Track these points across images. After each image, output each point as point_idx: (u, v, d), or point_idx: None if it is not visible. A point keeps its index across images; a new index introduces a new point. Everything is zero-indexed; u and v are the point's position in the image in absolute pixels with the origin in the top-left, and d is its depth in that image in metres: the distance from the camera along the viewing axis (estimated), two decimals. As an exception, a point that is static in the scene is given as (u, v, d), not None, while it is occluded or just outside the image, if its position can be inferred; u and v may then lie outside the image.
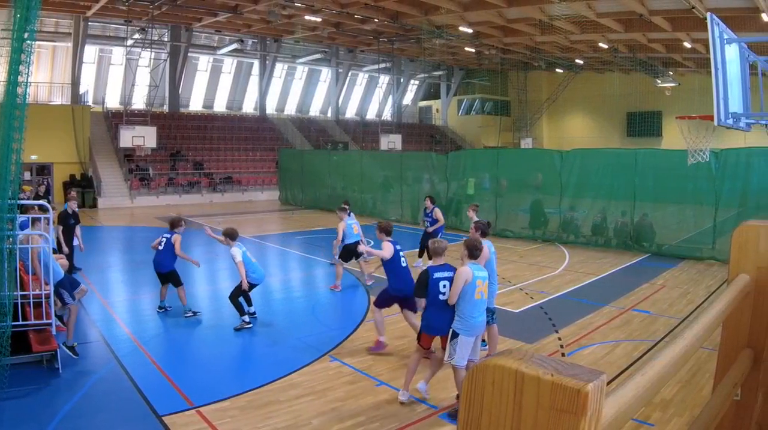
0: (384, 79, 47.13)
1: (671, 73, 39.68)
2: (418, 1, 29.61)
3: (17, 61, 6.53)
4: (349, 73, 48.99)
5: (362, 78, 51.74)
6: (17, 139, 6.68)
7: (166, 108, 39.16)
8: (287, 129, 43.44)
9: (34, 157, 29.39)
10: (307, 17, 32.02)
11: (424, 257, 14.73)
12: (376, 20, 32.54)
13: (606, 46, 35.04)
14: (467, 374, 1.17)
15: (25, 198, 17.42)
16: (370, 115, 52.48)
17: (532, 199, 20.01)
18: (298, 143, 41.88)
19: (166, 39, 36.06)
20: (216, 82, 43.52)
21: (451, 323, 6.52)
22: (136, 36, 33.76)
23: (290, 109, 48.11)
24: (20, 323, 7.37)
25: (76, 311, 8.65)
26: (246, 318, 9.70)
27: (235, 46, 39.59)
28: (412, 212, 23.17)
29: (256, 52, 42.82)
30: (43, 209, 8.68)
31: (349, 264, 13.10)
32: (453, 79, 54.66)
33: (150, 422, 6.28)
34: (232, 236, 9.98)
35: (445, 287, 6.55)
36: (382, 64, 44.19)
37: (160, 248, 10.48)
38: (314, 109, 49.94)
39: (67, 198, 14.37)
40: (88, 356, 8.35)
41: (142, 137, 30.82)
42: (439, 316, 6.62)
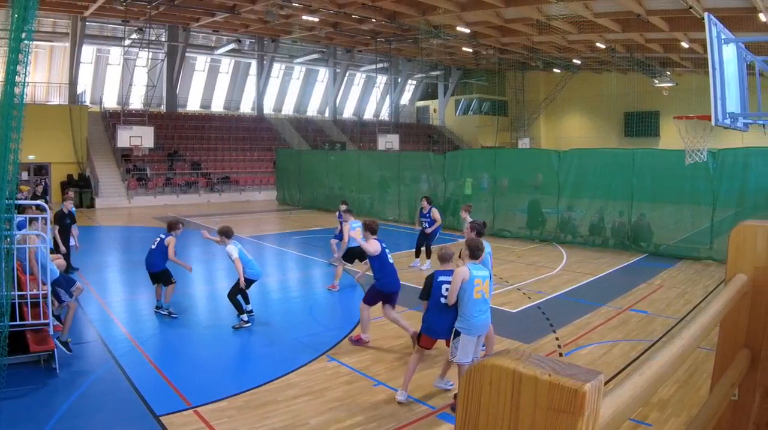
0: (381, 79, 47.14)
1: (669, 73, 39.71)
2: (416, 1, 29.64)
3: (15, 61, 6.53)
4: (347, 73, 48.94)
5: (360, 78, 51.71)
6: (15, 139, 6.67)
7: (164, 108, 39.07)
8: (285, 129, 43.42)
9: (32, 157, 29.35)
10: (305, 17, 32.03)
11: (422, 257, 14.77)
12: (374, 20, 32.54)
13: (603, 46, 35.08)
14: (465, 373, 1.17)
15: (23, 198, 17.39)
16: (368, 115, 52.45)
17: (529, 199, 20.02)
18: (296, 143, 41.86)
19: (163, 39, 36.01)
20: (213, 82, 43.46)
21: (451, 325, 6.62)
22: (134, 36, 33.70)
23: (288, 109, 48.06)
24: (18, 323, 7.37)
25: (75, 308, 8.69)
26: (245, 317, 9.72)
27: (232, 46, 39.54)
28: (410, 212, 23.14)
29: (254, 52, 42.76)
30: (40, 209, 8.67)
31: (349, 265, 13.11)
32: (450, 79, 54.67)
33: (147, 422, 6.28)
34: (227, 234, 9.99)
35: (447, 290, 6.63)
36: (380, 64, 44.17)
37: (153, 247, 10.50)
38: (312, 109, 49.90)
39: (64, 198, 14.36)
40: (86, 355, 8.35)
41: (140, 137, 30.75)
42: (440, 318, 6.71)
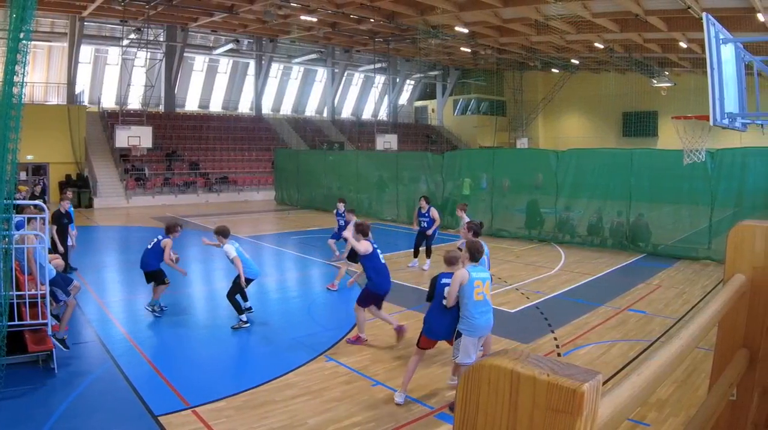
0: (380, 79, 47.16)
1: (667, 73, 39.75)
2: (414, 1, 29.63)
3: (13, 61, 6.52)
4: (345, 73, 48.95)
5: (358, 78, 51.70)
6: (13, 139, 6.67)
7: (162, 108, 39.09)
8: (283, 129, 43.41)
9: (30, 158, 29.28)
10: (303, 17, 32.00)
11: (421, 256, 14.78)
12: (372, 20, 32.54)
13: (602, 46, 35.10)
14: (463, 374, 1.17)
15: (21, 198, 17.36)
16: (366, 115, 52.44)
17: (528, 199, 20.02)
18: (294, 143, 41.85)
19: (161, 39, 36.02)
20: (212, 82, 43.43)
21: (450, 327, 6.66)
22: (132, 36, 33.66)
23: (286, 109, 48.04)
24: (16, 323, 7.36)
25: (73, 305, 8.73)
26: (244, 317, 9.69)
27: (230, 46, 39.52)
28: (408, 212, 23.10)
29: (252, 52, 42.76)
30: (38, 209, 8.66)
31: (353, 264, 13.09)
32: (449, 79, 54.68)
33: (146, 422, 6.27)
34: (224, 233, 9.98)
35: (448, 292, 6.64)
36: (378, 64, 44.16)
37: (149, 247, 10.49)
38: (310, 109, 49.89)
39: (61, 197, 14.36)
40: (84, 355, 8.34)
41: (138, 137, 30.75)
42: (440, 320, 6.74)
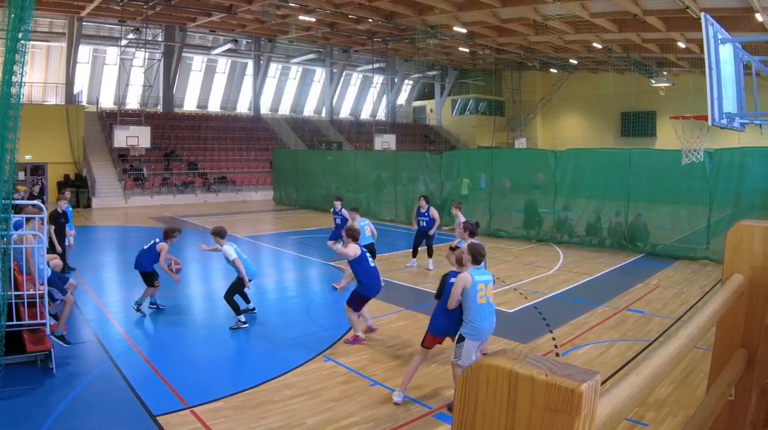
0: (378, 79, 47.15)
1: (665, 73, 39.79)
2: (413, 1, 29.62)
3: (11, 61, 6.52)
4: (344, 73, 48.94)
5: (356, 78, 51.66)
6: (12, 139, 6.66)
7: (160, 108, 39.08)
8: (281, 129, 43.38)
9: (29, 158, 29.25)
10: (302, 17, 31.99)
11: (422, 257, 14.78)
12: (371, 20, 32.53)
13: (600, 46, 35.11)
14: (461, 374, 1.17)
15: (20, 198, 17.35)
16: (365, 115, 52.42)
17: (526, 199, 20.02)
18: (293, 143, 41.83)
19: (160, 39, 36.03)
20: (210, 82, 43.39)
21: (455, 325, 6.64)
22: (131, 36, 33.63)
23: (284, 109, 48.00)
24: (14, 323, 7.36)
25: (72, 302, 8.75)
26: (242, 318, 9.66)
27: (229, 46, 39.45)
28: (407, 212, 23.08)
29: (251, 52, 42.75)
30: (37, 209, 8.66)
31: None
32: (447, 79, 54.68)
33: (144, 422, 6.27)
34: (221, 234, 9.92)
35: None
36: (377, 64, 44.18)
37: (145, 247, 10.50)
38: (308, 109, 49.86)
39: (58, 197, 14.39)
40: (82, 355, 8.34)
41: (136, 137, 30.76)
42: (446, 318, 6.73)
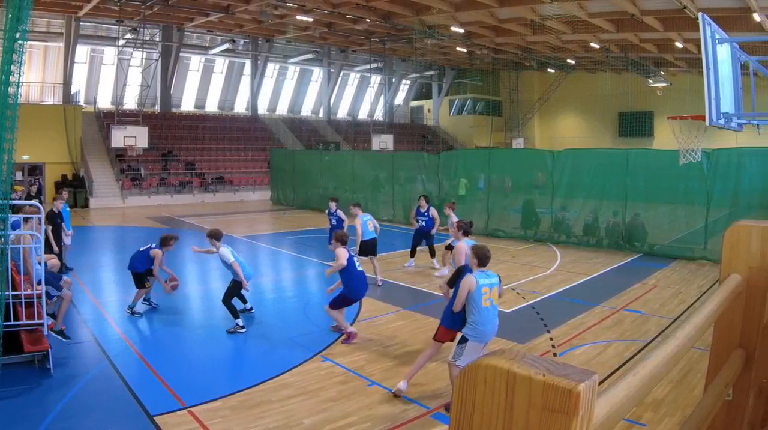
0: (376, 79, 47.13)
1: (663, 73, 39.82)
2: (410, 1, 29.62)
3: (9, 61, 6.50)
4: (341, 73, 48.92)
5: (354, 78, 51.66)
6: (9, 139, 6.65)
7: (158, 108, 39.02)
8: (279, 129, 43.35)
9: (26, 158, 29.22)
10: (299, 17, 31.97)
11: (421, 256, 14.78)
12: (368, 20, 32.51)
13: (598, 46, 35.13)
14: (459, 373, 1.17)
15: (17, 198, 17.37)
16: (362, 115, 52.37)
17: (523, 199, 20.02)
18: (290, 143, 41.79)
19: (157, 39, 35.98)
20: (207, 82, 43.36)
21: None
22: (128, 36, 33.63)
23: (282, 109, 47.98)
24: (12, 323, 7.35)
25: (69, 297, 8.77)
26: (240, 322, 9.54)
27: (226, 46, 39.46)
28: (404, 212, 23.10)
29: (248, 52, 42.72)
30: (35, 209, 8.66)
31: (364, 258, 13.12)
32: (444, 79, 54.69)
33: (141, 422, 6.27)
34: (217, 236, 9.83)
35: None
36: (374, 64, 44.16)
37: (141, 249, 10.50)
38: (306, 109, 49.84)
39: (54, 197, 14.38)
40: (80, 355, 8.33)
41: (134, 137, 30.72)
42: (460, 312, 6.71)
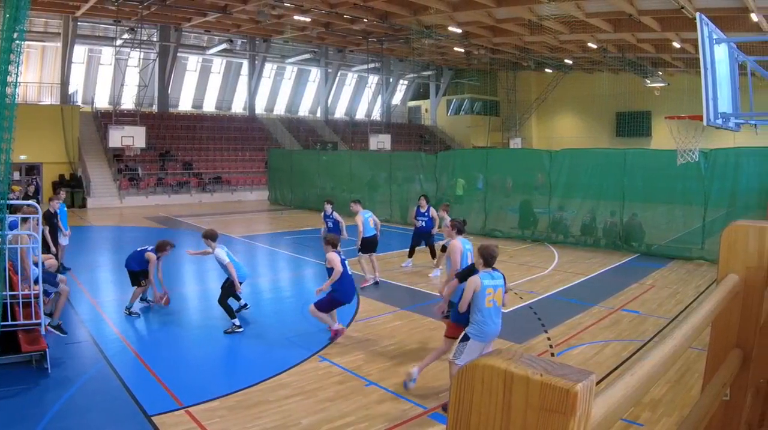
0: (373, 79, 47.08)
1: (660, 73, 39.83)
2: (407, 1, 29.61)
3: (6, 61, 6.50)
4: (339, 73, 48.91)
5: (351, 78, 51.67)
6: (6, 139, 6.65)
7: (155, 108, 38.96)
8: (276, 129, 43.32)
9: (24, 158, 29.16)
10: (297, 17, 31.95)
11: (420, 256, 14.78)
12: (365, 20, 32.51)
13: (595, 46, 35.14)
14: (456, 373, 1.17)
15: (14, 198, 17.34)
16: (360, 115, 52.38)
17: (521, 199, 20.00)
18: (288, 143, 41.77)
19: (155, 39, 35.92)
20: (205, 82, 43.33)
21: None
22: (126, 36, 33.59)
23: (279, 109, 47.97)
24: (9, 323, 7.34)
25: (66, 292, 8.79)
26: (237, 322, 9.54)
27: (224, 46, 39.44)
28: (402, 212, 23.12)
29: (246, 52, 42.68)
30: (33, 209, 8.65)
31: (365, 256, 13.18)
32: (442, 79, 54.69)
33: (139, 422, 6.26)
34: (212, 237, 9.82)
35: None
36: (372, 64, 44.14)
37: (138, 250, 10.50)
38: (303, 109, 49.82)
39: (51, 197, 14.37)
40: (77, 355, 8.31)
41: (131, 137, 30.70)
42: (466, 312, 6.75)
